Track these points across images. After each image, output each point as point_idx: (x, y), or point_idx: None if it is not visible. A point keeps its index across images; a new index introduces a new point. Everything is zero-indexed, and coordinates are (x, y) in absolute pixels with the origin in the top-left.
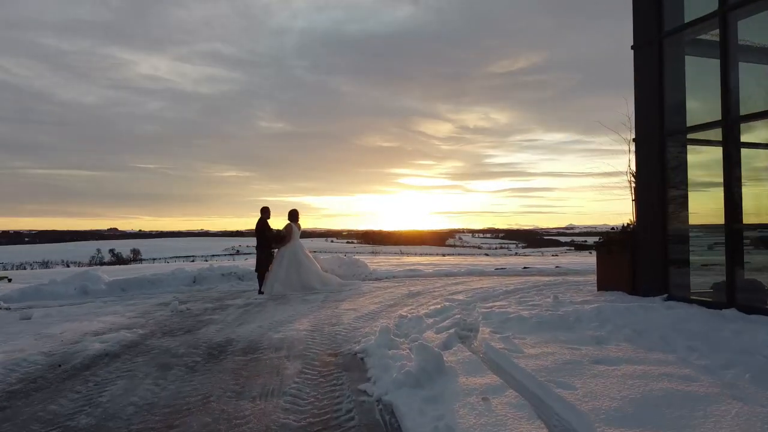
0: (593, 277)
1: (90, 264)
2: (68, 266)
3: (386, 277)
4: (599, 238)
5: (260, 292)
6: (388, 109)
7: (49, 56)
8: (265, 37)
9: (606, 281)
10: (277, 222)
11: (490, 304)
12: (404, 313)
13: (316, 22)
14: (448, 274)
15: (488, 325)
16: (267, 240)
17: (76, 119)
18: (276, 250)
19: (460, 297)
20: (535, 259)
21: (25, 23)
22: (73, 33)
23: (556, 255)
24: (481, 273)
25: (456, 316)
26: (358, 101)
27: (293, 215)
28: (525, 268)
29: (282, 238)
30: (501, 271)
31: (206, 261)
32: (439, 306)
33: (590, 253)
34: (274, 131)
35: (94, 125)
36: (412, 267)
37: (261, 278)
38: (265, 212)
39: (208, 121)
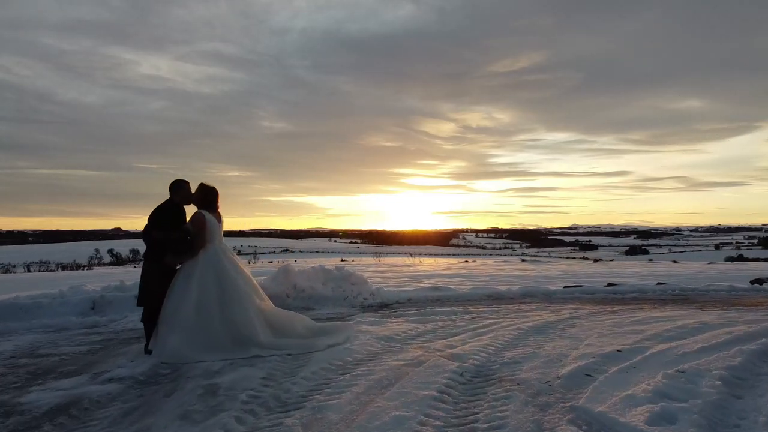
0: None
1: (88, 265)
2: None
3: (398, 302)
4: None
5: (147, 351)
6: (390, 109)
7: (51, 56)
8: (265, 36)
9: None
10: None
11: None
12: None
13: (316, 21)
14: (492, 296)
15: None
16: (157, 244)
17: (78, 119)
18: (179, 266)
19: (636, 419)
20: (594, 267)
21: (26, 23)
22: (74, 33)
23: (600, 259)
24: (547, 295)
25: None
26: (359, 101)
27: (204, 195)
28: (610, 284)
29: (183, 241)
30: (579, 292)
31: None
32: None
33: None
34: (276, 131)
35: (96, 125)
36: (434, 281)
37: (150, 320)
38: (179, 190)
39: (209, 120)
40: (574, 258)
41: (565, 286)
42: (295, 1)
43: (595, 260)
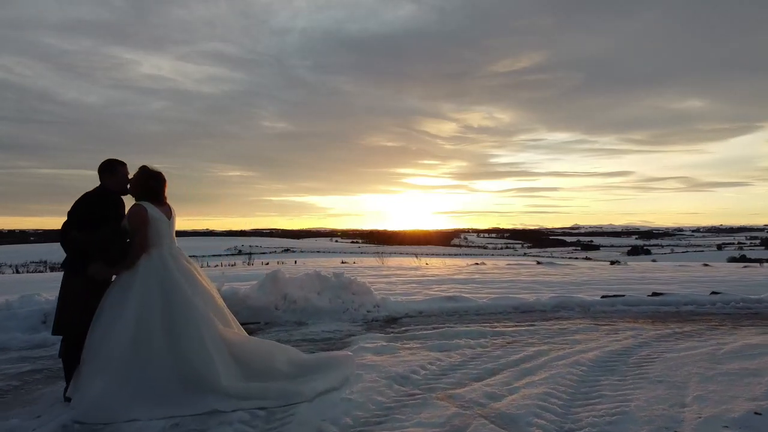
0: None
1: None
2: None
3: (407, 316)
4: None
5: (65, 398)
6: (391, 109)
7: (51, 56)
8: (266, 36)
9: None
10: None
11: None
12: None
13: (317, 21)
14: (520, 309)
15: None
16: (80, 249)
17: (79, 119)
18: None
19: None
20: (621, 271)
21: (27, 23)
22: (74, 33)
23: (617, 261)
24: (585, 307)
25: None
26: (360, 101)
27: (146, 182)
28: (656, 294)
29: (116, 244)
30: (621, 304)
31: None
32: None
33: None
34: (277, 131)
35: (98, 125)
36: (447, 288)
37: (71, 356)
38: (112, 174)
39: (210, 120)
40: (576, 258)
41: (603, 296)
42: (295, 1)
43: (612, 262)
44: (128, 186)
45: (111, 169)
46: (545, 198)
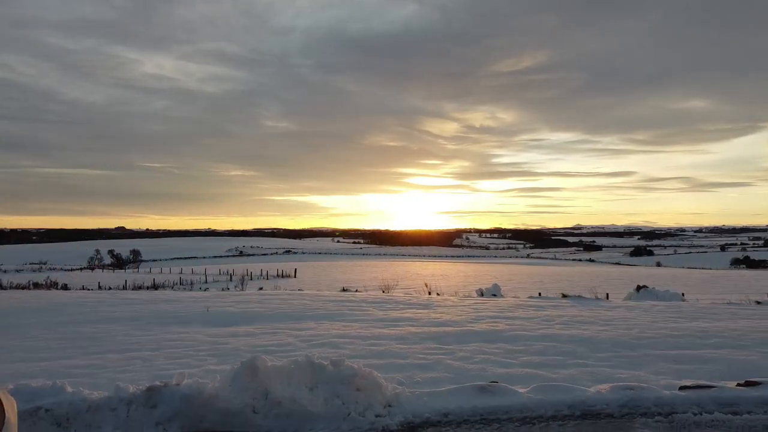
0: None
1: (88, 266)
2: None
3: (429, 424)
4: None
5: None
6: (393, 108)
7: (54, 55)
8: (268, 36)
9: None
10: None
11: None
12: None
13: (319, 20)
14: (576, 411)
15: None
16: None
17: (82, 118)
18: None
19: None
20: (662, 315)
21: (30, 22)
22: (77, 32)
23: (644, 286)
24: (665, 411)
25: None
26: (362, 100)
27: None
28: (749, 383)
29: None
30: (714, 405)
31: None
32: None
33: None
34: (280, 130)
35: (100, 124)
36: (472, 353)
37: None
38: None
39: (212, 120)
40: (580, 260)
41: (681, 387)
42: (297, 1)
43: (639, 288)
44: None
45: None
46: (547, 198)
